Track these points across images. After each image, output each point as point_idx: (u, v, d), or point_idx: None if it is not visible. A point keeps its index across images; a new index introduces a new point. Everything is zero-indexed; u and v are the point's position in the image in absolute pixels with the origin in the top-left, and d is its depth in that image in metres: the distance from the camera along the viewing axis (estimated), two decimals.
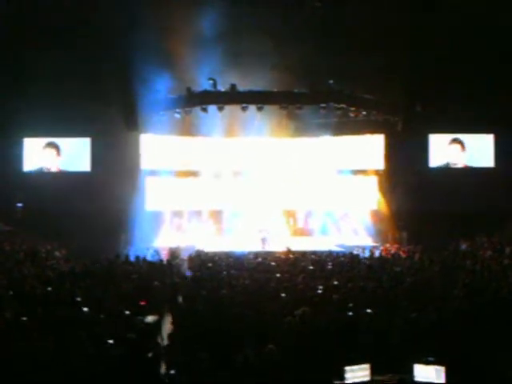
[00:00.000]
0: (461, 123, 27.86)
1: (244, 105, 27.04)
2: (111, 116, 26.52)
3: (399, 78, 25.61)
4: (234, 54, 25.26)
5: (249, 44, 24.94)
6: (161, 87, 25.72)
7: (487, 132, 28.85)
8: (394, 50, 24.88)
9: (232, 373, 8.05)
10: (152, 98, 25.82)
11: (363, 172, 30.11)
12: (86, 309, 11.10)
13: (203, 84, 26.42)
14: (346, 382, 7.96)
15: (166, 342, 9.67)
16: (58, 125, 27.17)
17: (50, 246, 23.31)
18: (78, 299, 12.19)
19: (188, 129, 28.97)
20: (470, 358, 8.56)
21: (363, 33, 24.40)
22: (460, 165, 29.34)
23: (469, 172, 28.66)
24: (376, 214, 29.46)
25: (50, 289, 13.48)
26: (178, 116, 27.63)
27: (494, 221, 24.78)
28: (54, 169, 28.97)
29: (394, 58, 25.01)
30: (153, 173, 29.34)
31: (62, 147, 28.88)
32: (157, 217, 28.96)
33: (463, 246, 23.70)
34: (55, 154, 28.82)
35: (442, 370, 7.98)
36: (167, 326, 11.65)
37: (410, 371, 8.12)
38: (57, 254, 22.52)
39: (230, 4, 24.94)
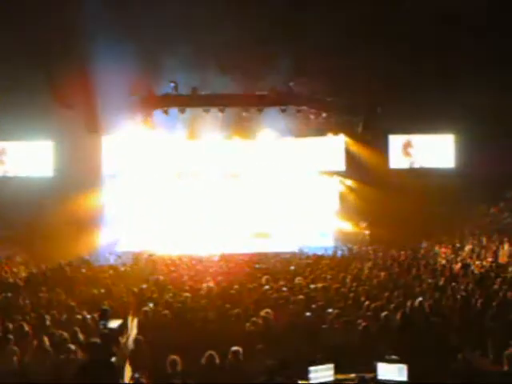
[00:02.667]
0: (420, 124, 28.08)
1: (205, 107, 27.05)
2: (73, 118, 26.22)
3: (359, 80, 25.80)
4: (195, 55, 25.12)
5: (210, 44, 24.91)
6: (123, 88, 25.44)
7: (447, 132, 29.20)
8: (354, 50, 25.08)
9: (197, 375, 8.07)
10: (114, 100, 25.53)
11: (325, 173, 30.19)
12: (47, 316, 10.95)
13: (165, 86, 26.27)
14: (311, 381, 8.02)
15: (131, 346, 9.64)
16: (18, 128, 26.70)
17: (10, 252, 22.99)
18: (40, 304, 12.07)
19: (151, 130, 28.75)
20: (432, 355, 8.71)
21: (324, 34, 24.47)
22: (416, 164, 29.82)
23: (429, 172, 28.92)
24: (338, 215, 29.62)
25: (10, 295, 13.33)
26: (140, 118, 27.52)
27: (454, 220, 25.19)
28: None
29: (354, 59, 25.20)
30: (115, 175, 29.04)
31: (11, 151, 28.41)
32: (120, 221, 28.67)
33: (424, 245, 24.09)
34: None
35: (404, 367, 8.10)
36: (132, 331, 11.62)
37: (373, 370, 8.23)
38: (18, 259, 22.25)
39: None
